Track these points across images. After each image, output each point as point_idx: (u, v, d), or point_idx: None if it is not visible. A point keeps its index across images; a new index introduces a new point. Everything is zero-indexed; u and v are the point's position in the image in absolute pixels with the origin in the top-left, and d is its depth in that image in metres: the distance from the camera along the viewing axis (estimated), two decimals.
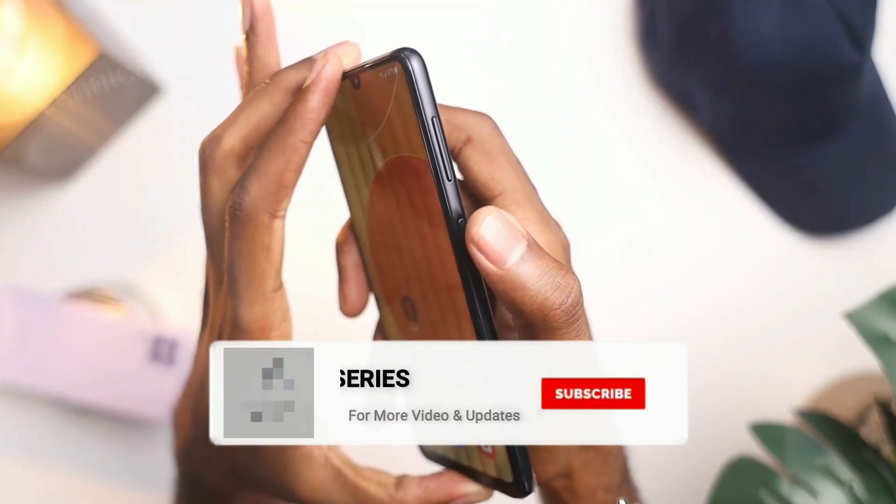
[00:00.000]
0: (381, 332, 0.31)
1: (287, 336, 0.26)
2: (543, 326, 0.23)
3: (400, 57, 0.23)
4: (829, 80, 0.52)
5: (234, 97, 0.59)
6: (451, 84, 0.61)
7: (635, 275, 0.59)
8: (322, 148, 0.30)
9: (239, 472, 0.29)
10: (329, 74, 0.24)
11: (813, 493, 0.37)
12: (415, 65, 0.23)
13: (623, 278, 0.59)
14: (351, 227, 0.30)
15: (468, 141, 0.27)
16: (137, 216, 0.59)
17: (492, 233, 0.23)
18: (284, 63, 0.28)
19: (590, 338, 0.24)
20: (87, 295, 0.56)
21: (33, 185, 0.59)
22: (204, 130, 0.27)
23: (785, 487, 0.38)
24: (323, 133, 0.26)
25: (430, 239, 0.25)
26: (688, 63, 0.56)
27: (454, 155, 0.28)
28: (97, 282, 0.58)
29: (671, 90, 0.59)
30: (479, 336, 0.24)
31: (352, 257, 0.30)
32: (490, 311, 0.24)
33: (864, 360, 0.58)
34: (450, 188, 0.23)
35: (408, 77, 0.23)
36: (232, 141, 0.26)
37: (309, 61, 0.26)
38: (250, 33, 0.27)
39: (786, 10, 0.51)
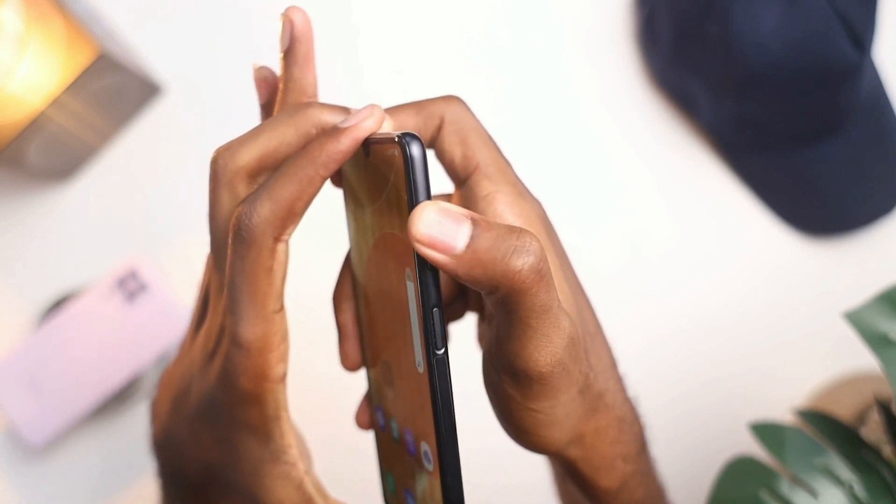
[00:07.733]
0: (368, 393, 0.31)
1: (285, 356, 0.26)
2: (513, 291, 0.23)
3: (401, 142, 0.23)
4: (829, 80, 0.52)
5: (234, 97, 0.60)
6: (451, 83, 0.61)
7: (635, 274, 0.59)
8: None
9: (212, 470, 0.29)
10: (368, 127, 0.24)
11: (813, 493, 0.37)
12: (414, 151, 0.23)
13: (623, 277, 0.59)
14: (352, 282, 0.30)
15: (441, 125, 0.28)
16: (137, 216, 0.59)
17: (431, 225, 0.22)
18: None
19: (556, 293, 0.24)
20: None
21: (33, 185, 0.59)
22: (204, 130, 0.27)
23: (785, 487, 0.38)
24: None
25: (405, 315, 0.25)
26: (688, 63, 0.56)
27: (431, 143, 0.28)
28: (94, 281, 0.58)
29: (671, 90, 0.59)
30: (436, 418, 0.24)
31: (350, 315, 0.30)
32: (451, 398, 0.24)
33: (864, 360, 0.58)
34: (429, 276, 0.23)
35: (406, 163, 0.23)
36: (248, 157, 0.25)
37: (344, 109, 0.26)
38: (288, 53, 0.27)
39: (786, 10, 0.51)
